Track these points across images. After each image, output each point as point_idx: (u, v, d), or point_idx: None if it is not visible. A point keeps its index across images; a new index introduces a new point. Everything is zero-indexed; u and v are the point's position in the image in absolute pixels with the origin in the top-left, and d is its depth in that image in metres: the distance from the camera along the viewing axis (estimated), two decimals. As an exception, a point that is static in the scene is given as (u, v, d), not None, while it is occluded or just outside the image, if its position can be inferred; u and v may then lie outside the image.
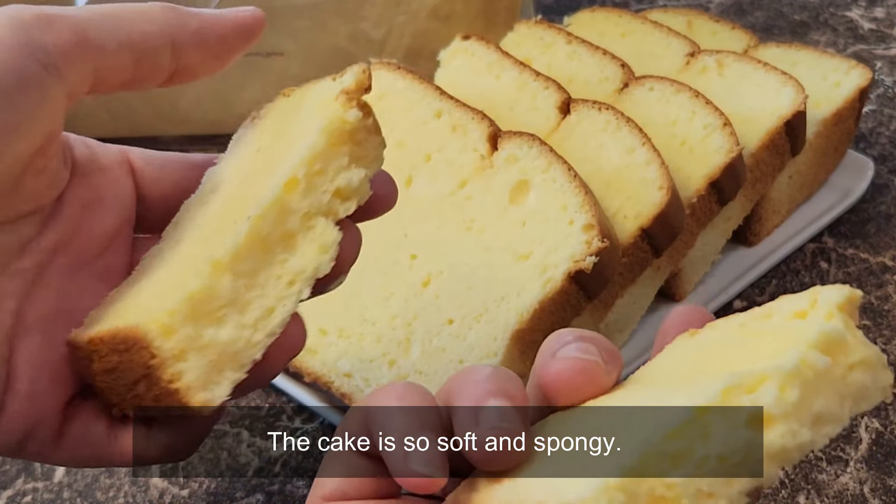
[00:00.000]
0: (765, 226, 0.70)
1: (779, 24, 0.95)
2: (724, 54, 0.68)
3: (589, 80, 0.68)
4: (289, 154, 0.37)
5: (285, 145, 0.39)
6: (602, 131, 0.61)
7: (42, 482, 0.57)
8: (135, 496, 0.56)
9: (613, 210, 0.58)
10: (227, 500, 0.56)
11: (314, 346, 0.57)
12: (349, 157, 0.36)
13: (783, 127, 0.64)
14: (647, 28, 0.73)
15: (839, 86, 0.71)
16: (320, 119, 0.36)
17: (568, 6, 0.98)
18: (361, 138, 0.36)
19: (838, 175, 0.74)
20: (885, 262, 0.69)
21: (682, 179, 0.60)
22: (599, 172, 0.59)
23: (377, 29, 0.76)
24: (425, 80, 0.64)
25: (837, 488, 0.55)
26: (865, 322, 0.64)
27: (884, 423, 0.58)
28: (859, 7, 0.96)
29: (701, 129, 0.62)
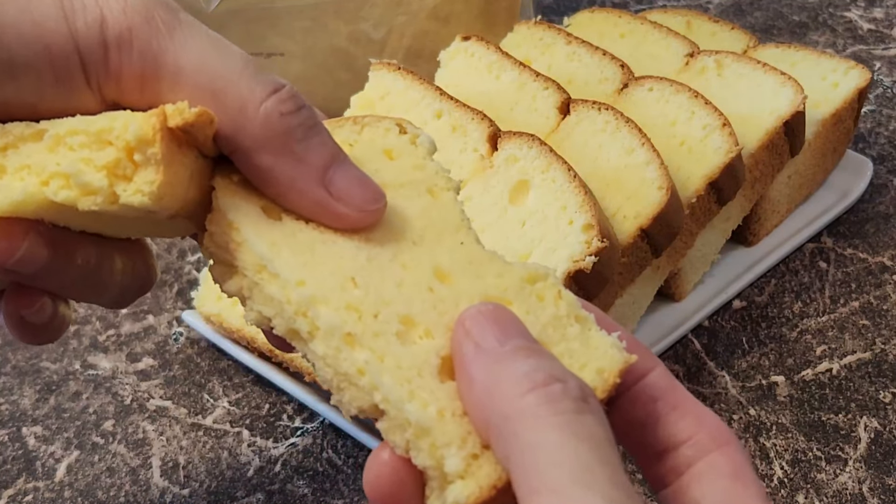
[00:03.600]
0: (764, 226, 0.70)
1: (778, 24, 0.95)
2: (724, 55, 0.68)
3: (588, 80, 0.68)
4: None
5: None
6: (601, 131, 0.61)
7: (43, 481, 0.57)
8: (135, 495, 0.56)
9: (613, 210, 0.58)
10: (228, 499, 0.56)
11: (314, 346, 0.57)
12: (110, 162, 0.34)
13: (782, 127, 0.64)
14: (647, 28, 0.73)
15: (838, 86, 0.71)
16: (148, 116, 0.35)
17: (568, 7, 0.99)
18: (139, 158, 0.34)
19: (837, 175, 0.74)
20: (883, 261, 0.69)
21: (681, 179, 0.60)
22: (599, 172, 0.59)
23: (377, 29, 0.76)
24: (425, 80, 0.64)
25: (836, 487, 0.55)
26: (865, 322, 0.64)
27: (882, 423, 0.58)
28: (858, 8, 0.96)
29: (700, 130, 0.62)
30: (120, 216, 0.36)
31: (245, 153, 0.35)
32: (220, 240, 0.36)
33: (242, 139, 0.35)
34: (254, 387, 0.62)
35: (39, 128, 0.35)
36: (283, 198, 0.36)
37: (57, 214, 0.36)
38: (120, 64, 0.35)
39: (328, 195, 0.35)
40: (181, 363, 0.64)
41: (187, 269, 0.71)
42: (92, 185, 0.34)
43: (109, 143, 0.34)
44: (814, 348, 0.63)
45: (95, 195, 0.34)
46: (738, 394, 0.60)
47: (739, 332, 0.64)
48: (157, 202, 0.34)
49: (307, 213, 0.36)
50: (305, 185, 0.35)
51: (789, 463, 0.56)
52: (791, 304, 0.66)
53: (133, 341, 0.66)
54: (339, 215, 0.35)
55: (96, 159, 0.34)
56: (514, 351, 0.30)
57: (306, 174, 0.35)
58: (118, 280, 0.39)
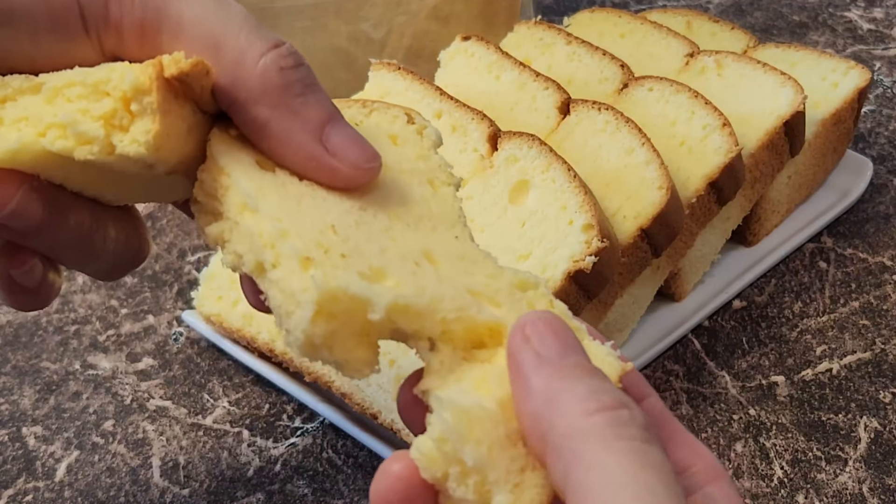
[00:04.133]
0: (764, 226, 0.70)
1: (778, 24, 0.95)
2: (724, 55, 0.68)
3: (588, 80, 0.68)
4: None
5: None
6: (601, 131, 0.61)
7: (43, 481, 0.57)
8: (135, 495, 0.56)
9: (613, 210, 0.58)
10: (228, 499, 0.56)
11: (314, 346, 0.57)
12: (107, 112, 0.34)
13: (782, 127, 0.64)
14: (647, 28, 0.73)
15: (838, 86, 0.71)
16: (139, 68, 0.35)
17: (568, 7, 0.99)
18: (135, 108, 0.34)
19: (837, 175, 0.74)
20: (883, 261, 0.69)
21: (681, 180, 0.60)
22: (599, 172, 0.59)
23: (377, 29, 0.76)
24: (425, 80, 0.64)
25: (836, 487, 0.55)
26: (865, 322, 0.64)
27: (882, 423, 0.58)
28: (858, 8, 0.96)
29: (700, 130, 0.62)
30: (117, 173, 0.36)
31: (242, 105, 0.35)
32: (209, 186, 0.36)
33: (239, 91, 0.35)
34: (254, 387, 0.62)
35: (37, 81, 0.35)
36: (279, 151, 0.35)
37: (53, 168, 0.35)
38: (121, 14, 0.35)
39: (324, 150, 0.35)
40: (181, 363, 0.64)
41: (187, 269, 0.71)
42: (88, 134, 0.34)
43: (106, 94, 0.34)
44: (814, 348, 0.63)
45: (91, 144, 0.34)
46: (738, 394, 0.60)
47: (739, 332, 0.64)
48: (154, 152, 0.34)
49: (301, 167, 0.36)
50: (301, 138, 0.35)
51: (789, 463, 0.56)
52: (791, 304, 0.66)
53: (133, 341, 0.66)
54: (334, 170, 0.35)
55: (93, 110, 0.34)
56: (575, 367, 0.29)
57: (303, 128, 0.35)
58: (111, 248, 0.39)
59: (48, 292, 0.39)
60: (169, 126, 0.34)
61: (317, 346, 0.31)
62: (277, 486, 0.56)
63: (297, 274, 0.32)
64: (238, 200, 0.34)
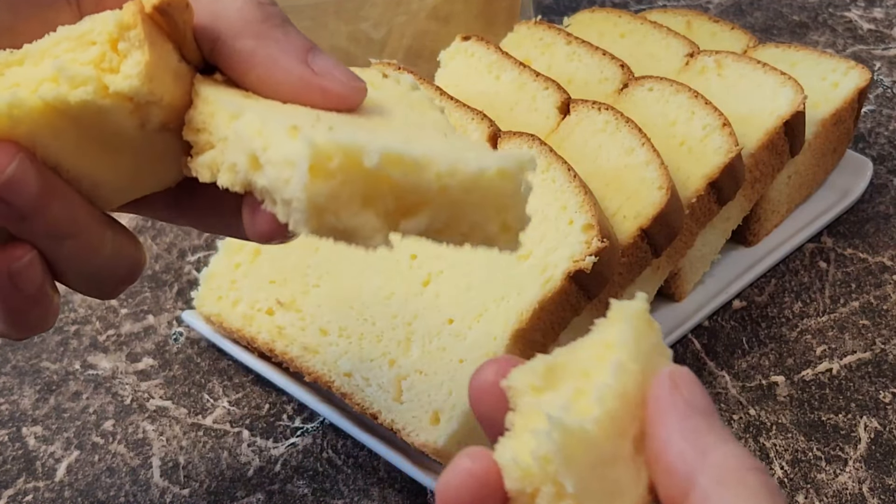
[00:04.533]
0: (764, 226, 0.70)
1: (778, 24, 0.95)
2: (724, 55, 0.68)
3: (588, 80, 0.68)
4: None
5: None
6: (601, 131, 0.61)
7: (43, 481, 0.57)
8: (136, 495, 0.56)
9: (613, 210, 0.58)
10: (228, 499, 0.56)
11: (315, 346, 0.58)
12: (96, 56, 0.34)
13: (782, 127, 0.64)
14: (647, 28, 0.73)
15: (838, 86, 0.71)
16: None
17: (568, 6, 0.99)
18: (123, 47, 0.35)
19: (837, 175, 0.74)
20: (883, 261, 0.69)
21: (681, 179, 0.60)
22: (599, 172, 0.59)
23: (377, 29, 0.76)
24: (425, 80, 0.64)
25: (836, 487, 0.55)
26: (865, 322, 0.64)
27: (882, 423, 0.58)
28: (858, 7, 0.96)
29: (700, 130, 0.62)
30: (110, 140, 0.35)
31: (225, 41, 0.36)
32: (198, 120, 0.36)
33: (221, 26, 0.36)
34: (254, 387, 0.62)
35: (22, 52, 0.35)
36: (268, 78, 0.36)
37: (48, 134, 0.35)
38: None
39: (312, 72, 0.36)
40: (181, 363, 0.64)
41: (187, 269, 0.71)
42: (80, 76, 0.34)
43: (93, 43, 0.35)
44: (814, 348, 0.63)
45: (85, 85, 0.34)
46: (738, 394, 0.60)
47: (739, 332, 0.64)
48: (147, 83, 0.34)
49: (292, 92, 0.36)
50: (289, 63, 0.36)
51: (789, 463, 0.56)
52: (791, 304, 0.66)
53: (133, 341, 0.66)
54: (324, 89, 0.36)
55: (82, 58, 0.34)
56: (721, 427, 0.30)
57: (289, 52, 0.36)
58: (108, 252, 0.39)
59: (48, 305, 0.39)
60: (157, 58, 0.35)
61: (322, 211, 0.30)
62: (277, 486, 0.56)
63: (287, 142, 0.31)
64: (224, 117, 0.34)
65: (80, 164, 0.37)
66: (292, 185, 0.30)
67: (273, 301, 0.60)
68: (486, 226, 0.33)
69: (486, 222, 0.32)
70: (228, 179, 0.34)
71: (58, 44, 0.35)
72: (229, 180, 0.34)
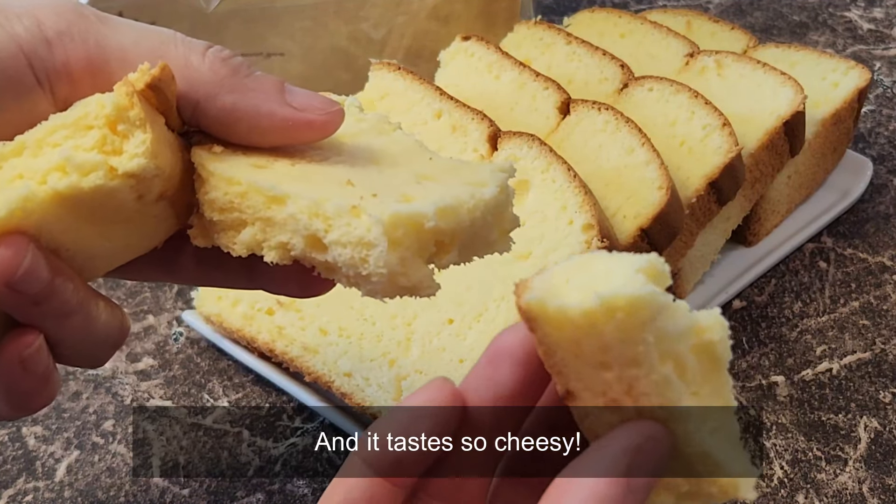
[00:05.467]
0: (764, 226, 0.70)
1: (778, 24, 0.95)
2: (724, 55, 0.68)
3: (588, 80, 0.68)
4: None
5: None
6: (601, 131, 0.61)
7: (43, 481, 0.57)
8: (135, 495, 0.56)
9: (613, 210, 0.58)
10: (228, 499, 0.56)
11: (315, 346, 0.58)
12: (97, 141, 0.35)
13: (782, 127, 0.64)
14: (647, 28, 0.73)
15: (838, 86, 0.71)
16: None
17: (568, 6, 0.99)
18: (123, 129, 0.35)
19: (837, 175, 0.74)
20: (883, 261, 0.69)
21: (681, 179, 0.60)
22: (599, 172, 0.59)
23: (377, 29, 0.76)
24: (425, 80, 0.64)
25: (836, 487, 0.55)
26: (865, 322, 0.64)
27: (882, 423, 0.58)
28: (858, 7, 0.96)
29: (700, 130, 0.62)
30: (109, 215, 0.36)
31: (205, 102, 0.37)
32: (223, 200, 0.37)
33: (198, 90, 0.37)
34: (254, 387, 0.62)
35: (16, 143, 0.36)
36: (257, 128, 0.38)
37: (53, 222, 0.35)
38: (66, 55, 0.37)
39: (293, 109, 0.38)
40: (181, 363, 0.64)
41: (187, 269, 0.71)
42: (88, 164, 0.35)
43: (90, 127, 0.35)
44: (814, 348, 0.63)
45: (96, 171, 0.35)
46: (739, 394, 0.60)
47: (739, 332, 0.64)
48: (153, 159, 0.35)
49: (280, 134, 0.38)
50: (271, 106, 0.38)
51: (789, 463, 0.56)
52: (791, 304, 0.66)
53: (133, 341, 0.66)
54: (310, 122, 0.38)
55: (83, 144, 0.35)
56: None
57: (268, 98, 0.38)
58: (104, 319, 0.39)
59: (54, 383, 0.39)
60: (157, 133, 0.36)
61: (397, 275, 0.34)
62: (277, 486, 0.56)
63: (353, 223, 0.34)
64: (260, 199, 0.36)
65: (78, 242, 0.37)
66: (372, 261, 0.34)
67: (273, 301, 0.60)
68: (489, 237, 0.37)
69: (490, 234, 0.37)
70: (277, 255, 0.37)
71: (53, 132, 0.35)
72: (278, 256, 0.37)
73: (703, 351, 0.31)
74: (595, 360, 0.29)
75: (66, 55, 0.37)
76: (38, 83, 0.37)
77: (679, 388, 0.30)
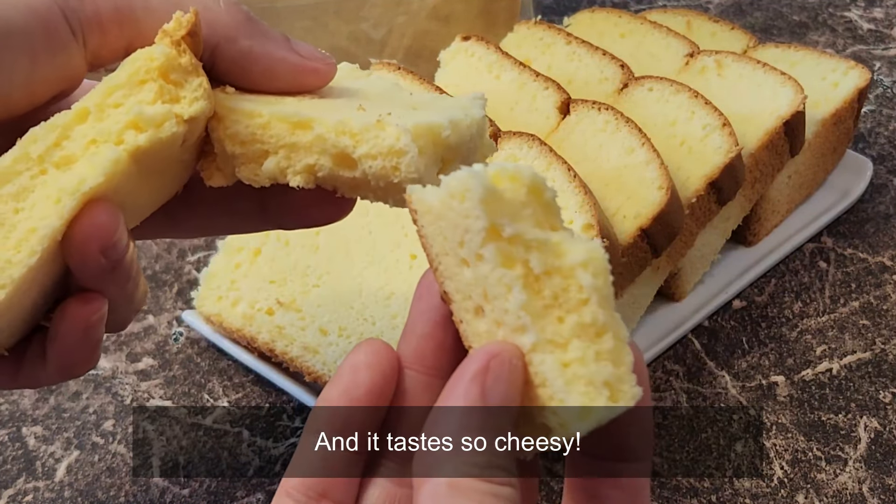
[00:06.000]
0: (764, 226, 0.70)
1: (778, 24, 0.95)
2: (724, 55, 0.68)
3: (588, 80, 0.68)
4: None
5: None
6: (601, 131, 0.61)
7: (43, 481, 0.57)
8: (136, 495, 0.56)
9: (613, 210, 0.58)
10: (228, 499, 0.56)
11: (315, 346, 0.58)
12: (155, 93, 0.36)
13: (782, 127, 0.64)
14: (647, 28, 0.73)
15: (838, 86, 0.71)
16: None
17: (568, 6, 0.99)
18: (175, 77, 0.37)
19: (837, 175, 0.74)
20: (883, 261, 0.69)
21: (681, 179, 0.60)
22: (599, 172, 0.59)
23: (377, 29, 0.76)
24: (425, 80, 0.64)
25: (836, 487, 0.55)
26: (865, 322, 0.64)
27: (882, 423, 0.58)
28: (858, 7, 0.96)
29: (700, 130, 0.62)
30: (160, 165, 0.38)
31: (225, 44, 0.39)
32: (245, 133, 0.38)
33: (218, 31, 0.39)
34: (254, 387, 0.62)
35: (76, 109, 0.36)
36: (269, 71, 0.40)
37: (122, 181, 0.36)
38: (96, 5, 0.38)
39: (301, 57, 0.40)
40: (181, 363, 0.64)
41: (187, 269, 0.71)
42: (159, 115, 0.36)
43: (143, 81, 0.37)
44: (814, 348, 0.63)
45: (169, 120, 0.36)
46: (739, 394, 0.60)
47: (739, 332, 0.64)
48: (211, 101, 0.37)
49: (290, 78, 0.40)
50: (282, 53, 0.40)
51: (789, 463, 0.56)
52: (791, 304, 0.66)
53: (133, 341, 0.66)
54: (315, 70, 0.40)
55: (145, 98, 0.36)
56: (497, 430, 0.29)
57: (279, 45, 0.40)
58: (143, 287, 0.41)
59: (100, 350, 0.41)
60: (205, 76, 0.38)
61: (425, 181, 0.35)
62: (277, 485, 0.56)
63: (381, 135, 0.36)
64: (284, 126, 0.37)
65: (131, 198, 0.38)
66: (405, 167, 0.35)
67: (273, 301, 0.60)
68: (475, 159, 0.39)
69: (475, 156, 0.39)
70: (303, 179, 0.38)
71: (110, 94, 0.36)
72: (304, 180, 0.38)
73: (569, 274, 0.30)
74: (457, 254, 0.30)
75: (95, 5, 0.38)
76: (73, 36, 0.37)
77: (531, 302, 0.29)
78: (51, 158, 0.35)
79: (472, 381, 0.29)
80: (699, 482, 0.55)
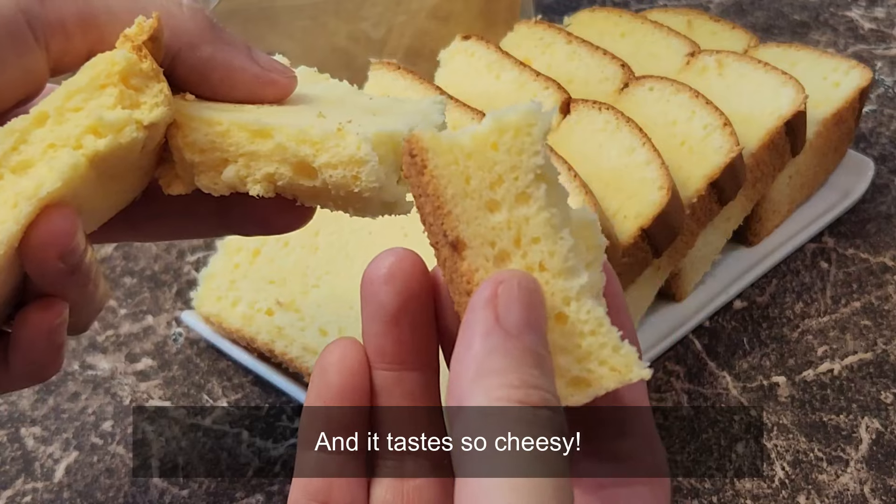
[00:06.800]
0: (765, 226, 0.70)
1: (779, 24, 0.95)
2: (724, 54, 0.68)
3: (589, 80, 0.68)
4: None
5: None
6: (602, 131, 0.61)
7: (42, 482, 0.57)
8: (135, 496, 0.56)
9: (613, 210, 0.58)
10: (227, 500, 0.56)
11: (315, 347, 0.57)
12: (116, 98, 0.36)
13: (783, 127, 0.64)
14: (647, 28, 0.73)
15: (839, 86, 0.71)
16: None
17: (568, 6, 0.98)
18: (136, 82, 0.37)
19: (838, 175, 0.74)
20: (885, 261, 0.69)
21: (681, 179, 0.60)
22: (599, 172, 0.59)
23: (377, 29, 0.76)
24: (425, 80, 0.64)
25: (838, 488, 0.55)
26: (866, 322, 0.64)
27: (884, 424, 0.58)
28: (859, 7, 0.96)
29: (701, 129, 0.62)
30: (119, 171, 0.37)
31: (187, 51, 0.39)
32: (204, 141, 0.38)
33: (181, 39, 0.39)
34: (253, 387, 0.62)
35: (35, 114, 0.36)
36: (228, 80, 0.39)
37: (79, 186, 0.36)
38: (58, 10, 0.38)
39: (261, 68, 0.40)
40: (180, 364, 0.64)
41: (186, 269, 0.71)
42: (119, 120, 0.36)
43: (104, 86, 0.36)
44: (815, 349, 0.63)
45: (128, 125, 0.36)
46: (739, 394, 0.60)
47: (740, 332, 0.64)
48: (171, 107, 0.37)
49: (248, 89, 0.40)
50: (242, 62, 0.40)
51: (790, 464, 0.56)
52: (792, 304, 0.66)
53: (132, 342, 0.66)
54: (274, 82, 0.40)
55: (104, 103, 0.36)
56: (525, 350, 0.28)
57: (239, 54, 0.40)
58: (102, 289, 0.41)
59: (63, 353, 0.41)
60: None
61: (384, 191, 0.35)
62: (277, 486, 0.56)
63: (341, 143, 0.35)
64: (244, 134, 0.37)
65: (88, 203, 0.38)
66: (365, 176, 0.35)
67: (272, 301, 0.60)
68: None
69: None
70: (262, 188, 0.37)
71: (70, 97, 0.36)
72: (263, 189, 0.37)
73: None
74: (485, 198, 0.29)
75: (58, 10, 0.38)
76: (36, 40, 0.37)
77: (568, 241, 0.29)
78: (8, 163, 0.35)
79: (483, 308, 0.29)
80: (700, 483, 0.55)
